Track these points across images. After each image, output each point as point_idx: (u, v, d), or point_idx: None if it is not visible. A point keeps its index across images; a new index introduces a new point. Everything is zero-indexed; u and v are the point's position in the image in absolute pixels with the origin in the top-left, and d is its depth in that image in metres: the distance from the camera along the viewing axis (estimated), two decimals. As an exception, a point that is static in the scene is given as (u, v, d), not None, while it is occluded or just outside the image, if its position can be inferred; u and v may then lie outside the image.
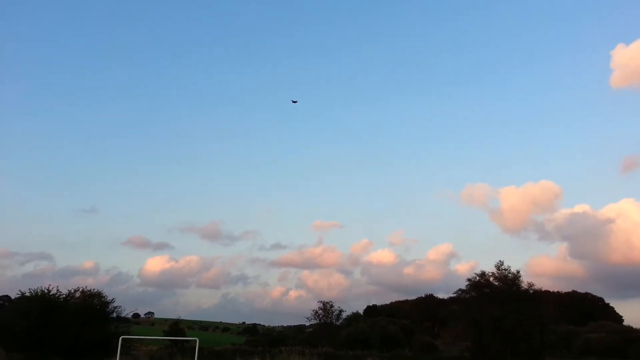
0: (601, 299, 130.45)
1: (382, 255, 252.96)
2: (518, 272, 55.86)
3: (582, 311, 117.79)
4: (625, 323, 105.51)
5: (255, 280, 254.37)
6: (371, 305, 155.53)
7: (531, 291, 55.40)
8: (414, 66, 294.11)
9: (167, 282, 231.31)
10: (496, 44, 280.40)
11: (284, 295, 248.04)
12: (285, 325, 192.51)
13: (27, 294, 41.16)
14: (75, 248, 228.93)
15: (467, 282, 57.43)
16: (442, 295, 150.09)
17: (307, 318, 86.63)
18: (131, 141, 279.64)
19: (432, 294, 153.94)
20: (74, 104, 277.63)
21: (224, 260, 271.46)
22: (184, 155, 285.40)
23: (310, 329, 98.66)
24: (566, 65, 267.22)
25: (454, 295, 63.51)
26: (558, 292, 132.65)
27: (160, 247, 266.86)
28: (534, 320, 52.45)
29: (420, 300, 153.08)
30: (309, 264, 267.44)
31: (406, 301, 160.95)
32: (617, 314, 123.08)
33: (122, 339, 36.81)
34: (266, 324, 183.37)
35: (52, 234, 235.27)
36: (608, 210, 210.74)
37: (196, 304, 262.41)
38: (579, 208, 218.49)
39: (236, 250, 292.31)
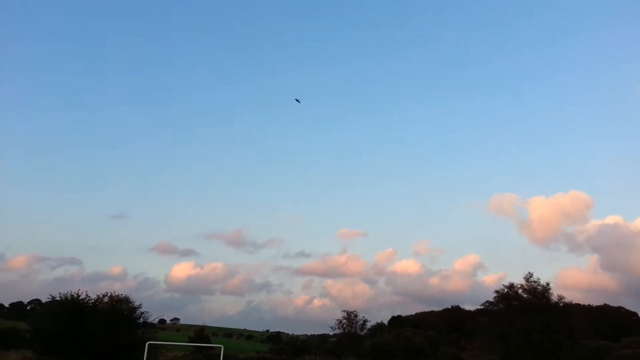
0: (635, 314, 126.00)
1: (407, 265, 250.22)
2: (548, 284, 54.67)
3: (614, 326, 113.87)
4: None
5: (279, 288, 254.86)
6: (396, 315, 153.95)
7: (561, 304, 54.10)
8: (442, 76, 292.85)
9: (193, 289, 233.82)
10: (523, 55, 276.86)
11: (307, 304, 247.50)
12: (309, 334, 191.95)
13: (58, 299, 42.17)
14: (104, 253, 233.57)
15: (495, 294, 56.50)
16: (468, 307, 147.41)
17: (331, 327, 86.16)
18: (160, 148, 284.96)
19: (458, 306, 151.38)
20: (103, 110, 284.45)
21: (248, 267, 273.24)
22: (210, 163, 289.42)
23: (334, 339, 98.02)
24: (597, 74, 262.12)
25: (482, 307, 62.40)
26: (589, 305, 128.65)
27: (186, 254, 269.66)
28: (564, 334, 51.01)
29: (446, 311, 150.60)
30: (333, 273, 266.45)
31: (432, 312, 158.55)
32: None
33: (149, 344, 37.34)
34: (290, 332, 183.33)
35: (82, 239, 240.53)
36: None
37: (221, 310, 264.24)
38: (611, 219, 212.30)
39: (261, 257, 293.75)
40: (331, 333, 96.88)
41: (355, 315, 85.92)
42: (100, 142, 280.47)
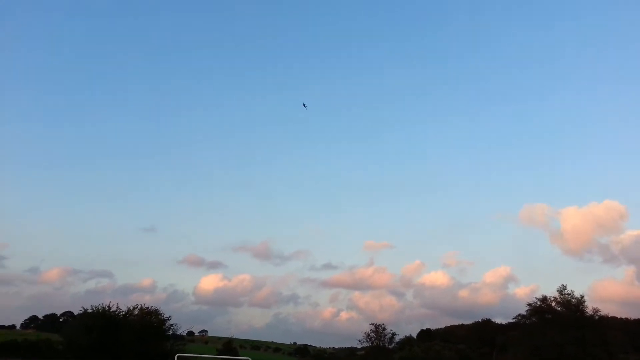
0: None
1: (436, 277, 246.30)
2: (582, 296, 53.42)
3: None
4: None
5: (306, 300, 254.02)
6: (425, 329, 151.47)
7: (597, 317, 52.70)
8: (467, 87, 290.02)
9: (221, 301, 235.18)
10: (550, 64, 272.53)
11: (334, 316, 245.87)
12: (336, 347, 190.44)
13: (90, 311, 43.14)
14: (135, 266, 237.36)
15: (527, 307, 55.62)
16: (499, 320, 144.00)
17: (359, 340, 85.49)
18: (188, 160, 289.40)
19: (489, 319, 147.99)
20: (131, 124, 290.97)
21: (274, 279, 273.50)
22: (237, 176, 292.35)
23: (362, 352, 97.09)
24: (627, 82, 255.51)
25: (514, 320, 61.42)
26: (626, 318, 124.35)
27: (214, 266, 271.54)
28: (599, 347, 49.51)
29: (476, 324, 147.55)
30: (360, 285, 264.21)
31: (462, 325, 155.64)
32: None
33: (178, 356, 37.77)
34: (317, 345, 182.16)
35: (113, 252, 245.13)
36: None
37: (248, 323, 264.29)
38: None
39: (287, 269, 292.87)
40: (359, 346, 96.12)
41: (384, 329, 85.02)
42: (130, 155, 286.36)
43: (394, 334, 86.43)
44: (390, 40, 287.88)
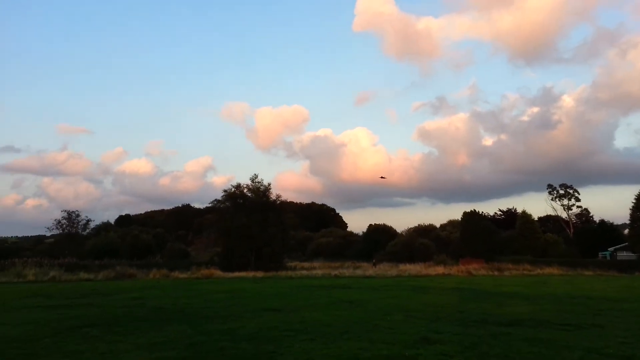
0: (333, 209, 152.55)
1: (138, 165, 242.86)
2: (269, 184, 60.93)
3: (318, 219, 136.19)
4: (349, 229, 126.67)
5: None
6: (124, 215, 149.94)
7: (278, 202, 61.24)
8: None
9: None
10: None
11: (18, 204, 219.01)
12: (20, 235, 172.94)
13: None
14: None
15: (223, 193, 60.22)
16: (198, 205, 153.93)
17: (48, 228, 79.28)
18: None
19: (189, 204, 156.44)
20: None
21: None
22: None
23: (52, 240, 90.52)
24: (318, 10, 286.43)
25: (210, 205, 65.97)
26: (300, 203, 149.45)
27: None
28: (277, 227, 58.46)
29: (176, 209, 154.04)
30: (51, 171, 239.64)
31: (162, 211, 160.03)
32: (344, 222, 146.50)
33: None
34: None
35: None
36: (344, 136, 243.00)
37: None
38: (322, 132, 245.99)
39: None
40: (48, 234, 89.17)
41: (77, 215, 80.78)
42: None
43: (89, 221, 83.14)
44: None
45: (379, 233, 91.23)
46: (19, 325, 13.88)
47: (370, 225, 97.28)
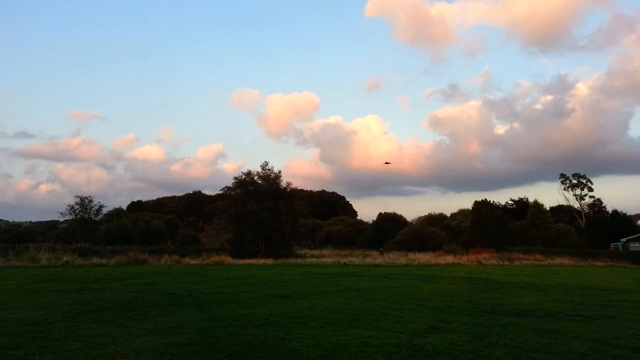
0: (343, 197, 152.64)
1: (150, 152, 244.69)
2: (279, 172, 61.05)
3: (328, 207, 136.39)
4: (358, 217, 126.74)
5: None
6: (136, 201, 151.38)
7: (288, 189, 61.39)
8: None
9: None
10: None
11: (32, 189, 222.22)
12: (34, 221, 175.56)
13: None
14: None
15: (233, 180, 60.46)
16: (209, 192, 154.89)
17: (61, 213, 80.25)
18: None
19: (199, 191, 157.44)
20: None
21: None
22: None
23: (65, 225, 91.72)
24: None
25: (221, 191, 66.28)
26: (310, 190, 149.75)
27: None
28: (287, 214, 58.63)
29: (187, 196, 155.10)
30: (64, 157, 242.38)
31: (173, 197, 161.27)
32: (354, 210, 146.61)
33: None
34: (10, 220, 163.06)
35: None
36: (355, 123, 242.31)
37: None
38: (333, 119, 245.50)
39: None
40: (61, 219, 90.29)
41: (90, 201, 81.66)
42: None
43: (101, 206, 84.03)
44: None
45: (389, 221, 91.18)
46: (33, 309, 14.15)
47: (380, 213, 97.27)
